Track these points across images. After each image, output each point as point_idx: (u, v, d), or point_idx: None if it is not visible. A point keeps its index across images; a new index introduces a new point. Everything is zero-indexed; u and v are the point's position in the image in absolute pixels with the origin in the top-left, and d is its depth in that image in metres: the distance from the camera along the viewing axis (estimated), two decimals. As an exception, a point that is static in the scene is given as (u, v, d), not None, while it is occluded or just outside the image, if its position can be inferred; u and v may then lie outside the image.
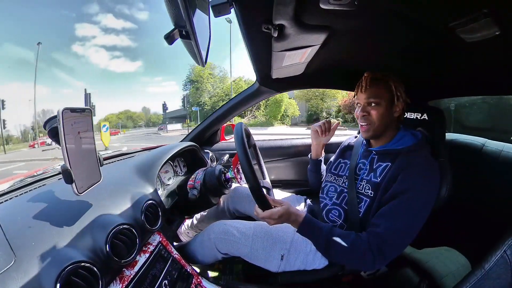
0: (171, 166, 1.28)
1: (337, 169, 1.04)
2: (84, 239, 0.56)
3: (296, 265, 0.86)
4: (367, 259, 0.71)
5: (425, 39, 0.73)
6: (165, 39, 0.56)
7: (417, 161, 0.78)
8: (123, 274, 0.61)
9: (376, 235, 0.72)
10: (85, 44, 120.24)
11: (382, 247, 0.70)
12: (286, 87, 1.44)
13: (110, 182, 0.79)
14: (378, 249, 0.70)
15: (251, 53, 0.95)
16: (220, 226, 0.94)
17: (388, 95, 0.84)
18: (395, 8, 0.59)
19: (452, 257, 0.94)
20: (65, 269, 0.46)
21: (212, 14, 0.63)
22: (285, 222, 0.79)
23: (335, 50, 0.93)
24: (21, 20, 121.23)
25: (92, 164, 0.64)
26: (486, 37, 0.55)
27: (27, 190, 0.72)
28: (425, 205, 0.74)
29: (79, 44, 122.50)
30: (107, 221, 0.62)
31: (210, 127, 1.65)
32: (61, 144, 0.51)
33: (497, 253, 0.53)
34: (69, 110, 0.53)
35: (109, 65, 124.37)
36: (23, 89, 33.60)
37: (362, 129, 0.88)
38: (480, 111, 3.55)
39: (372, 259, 0.70)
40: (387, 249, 0.71)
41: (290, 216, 0.78)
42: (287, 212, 0.77)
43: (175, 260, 0.78)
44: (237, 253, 0.90)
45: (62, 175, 0.52)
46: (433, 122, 0.96)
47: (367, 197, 0.83)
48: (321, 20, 0.69)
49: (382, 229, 0.72)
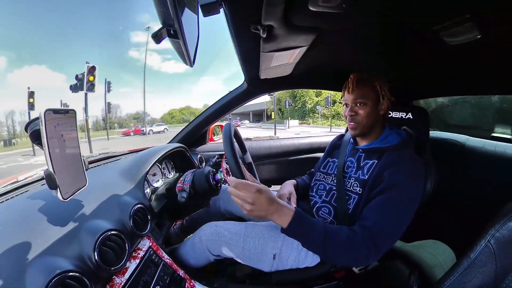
0: (159, 168, 1.25)
1: (326, 168, 1.06)
2: (71, 247, 0.54)
3: (288, 264, 0.87)
4: (362, 254, 0.69)
5: (410, 41, 0.76)
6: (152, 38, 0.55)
7: (402, 158, 0.80)
8: (113, 282, 0.58)
9: (368, 228, 0.71)
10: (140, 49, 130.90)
11: (375, 240, 0.69)
12: (274, 88, 1.45)
13: (96, 186, 0.76)
14: (372, 242, 0.69)
15: (239, 54, 0.95)
16: (211, 227, 0.93)
17: (374, 95, 0.87)
18: (381, 11, 0.61)
19: (439, 249, 0.98)
20: (52, 280, 0.44)
21: (201, 14, 0.62)
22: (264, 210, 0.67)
23: (323, 51, 0.95)
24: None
25: (77, 168, 0.61)
26: (468, 40, 0.58)
27: (9, 197, 0.68)
28: (412, 199, 0.76)
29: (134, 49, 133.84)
30: (94, 227, 0.60)
31: (198, 128, 1.62)
32: (44, 147, 0.48)
33: (481, 242, 0.56)
34: (52, 111, 0.50)
35: (161, 67, 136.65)
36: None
37: (350, 127, 0.92)
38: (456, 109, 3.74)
39: (366, 253, 0.69)
40: (380, 242, 0.70)
41: (272, 202, 0.68)
42: (268, 192, 0.68)
43: (166, 265, 0.76)
44: (229, 254, 0.89)
45: (46, 180, 0.49)
46: (417, 121, 1.00)
47: (355, 194, 0.86)
48: (310, 21, 0.70)
49: (373, 222, 0.72)
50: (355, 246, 0.69)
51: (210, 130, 1.73)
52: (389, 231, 0.72)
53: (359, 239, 0.69)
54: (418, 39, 0.72)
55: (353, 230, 0.72)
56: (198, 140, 1.69)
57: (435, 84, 1.10)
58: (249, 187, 0.67)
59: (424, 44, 0.74)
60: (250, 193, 0.66)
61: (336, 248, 0.69)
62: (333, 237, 0.70)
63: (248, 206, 0.67)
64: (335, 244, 0.69)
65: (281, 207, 0.70)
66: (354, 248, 0.69)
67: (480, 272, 0.55)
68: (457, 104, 1.61)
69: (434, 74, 0.99)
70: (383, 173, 0.79)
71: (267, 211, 0.68)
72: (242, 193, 0.67)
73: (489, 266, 0.55)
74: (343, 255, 0.70)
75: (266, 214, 0.68)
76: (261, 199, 0.67)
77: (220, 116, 1.59)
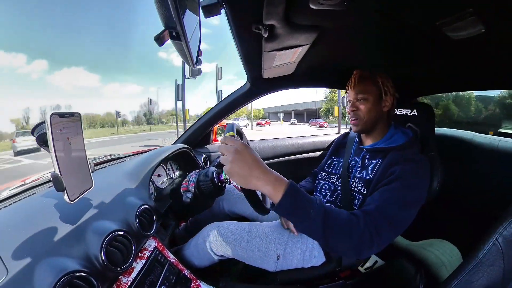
0: (164, 169, 1.26)
1: (330, 167, 1.06)
2: (78, 248, 0.55)
3: (293, 264, 0.87)
4: (365, 238, 0.61)
5: (413, 37, 0.75)
6: (155, 40, 0.56)
7: (407, 158, 0.79)
8: (120, 282, 0.59)
9: (369, 212, 0.66)
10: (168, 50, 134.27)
11: (377, 226, 0.63)
12: (277, 87, 1.45)
13: (102, 188, 0.77)
14: (374, 227, 0.63)
15: (241, 54, 0.96)
16: (214, 228, 0.93)
17: (376, 90, 0.87)
18: (383, 8, 0.60)
19: (446, 248, 0.97)
20: (60, 280, 0.44)
21: (203, 15, 0.63)
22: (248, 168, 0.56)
23: (325, 49, 0.94)
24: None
25: (83, 170, 0.62)
26: (472, 34, 0.57)
27: (17, 199, 0.69)
28: (415, 197, 0.73)
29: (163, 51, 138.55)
30: (101, 228, 0.61)
31: (202, 129, 1.63)
32: (50, 150, 0.49)
33: (489, 241, 0.55)
34: (57, 115, 0.51)
35: None
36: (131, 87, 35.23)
37: (352, 123, 0.92)
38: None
39: (369, 239, 0.61)
40: (382, 228, 0.64)
41: (258, 163, 0.58)
42: (253, 152, 0.59)
43: (172, 265, 0.77)
44: (233, 254, 0.90)
45: (53, 183, 0.50)
46: (422, 117, 0.99)
47: (360, 194, 0.85)
48: (311, 20, 0.70)
49: (374, 206, 0.68)
50: (357, 229, 0.61)
51: (214, 130, 1.74)
52: (390, 218, 0.66)
53: (361, 222, 0.63)
54: (421, 35, 0.71)
55: (354, 213, 0.66)
56: (202, 140, 1.70)
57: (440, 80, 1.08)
58: (233, 139, 0.60)
59: (427, 40, 0.73)
60: (235, 143, 0.58)
61: (337, 230, 0.60)
62: (333, 217, 0.60)
63: (231, 155, 0.56)
64: (336, 226, 0.60)
65: (270, 173, 0.58)
66: (357, 232, 0.61)
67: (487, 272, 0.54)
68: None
69: (438, 70, 0.97)
70: (388, 170, 0.78)
71: (251, 169, 0.56)
72: (226, 144, 0.59)
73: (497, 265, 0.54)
74: (346, 240, 0.61)
75: (250, 173, 0.56)
76: (245, 151, 0.57)
77: (224, 116, 1.59)
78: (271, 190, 0.57)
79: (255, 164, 0.57)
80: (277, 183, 0.57)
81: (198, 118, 1.66)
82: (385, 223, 0.65)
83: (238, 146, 0.57)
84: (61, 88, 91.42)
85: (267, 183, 0.57)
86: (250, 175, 0.56)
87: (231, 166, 0.56)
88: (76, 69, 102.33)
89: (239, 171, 0.56)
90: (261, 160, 0.60)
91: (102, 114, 69.53)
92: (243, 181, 0.57)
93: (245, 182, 0.57)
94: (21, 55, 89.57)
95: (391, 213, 0.67)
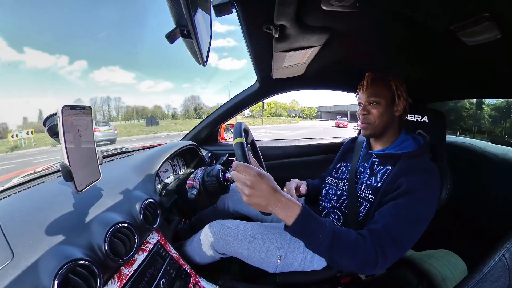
0: (171, 165, 1.27)
1: (338, 172, 1.04)
2: (83, 237, 0.56)
3: (293, 267, 0.86)
4: (370, 259, 0.63)
5: (426, 41, 0.73)
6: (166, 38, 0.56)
7: (418, 167, 0.76)
8: (121, 273, 0.60)
9: (376, 232, 0.66)
10: None
11: (384, 245, 0.64)
12: (287, 88, 1.45)
13: (109, 180, 0.79)
14: (380, 246, 0.63)
15: (252, 53, 0.96)
16: (217, 226, 0.93)
17: (389, 94, 0.85)
18: (396, 10, 0.59)
19: (451, 260, 0.94)
20: (63, 267, 0.46)
21: (214, 14, 0.63)
22: (265, 198, 0.59)
23: (336, 51, 0.93)
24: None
25: (92, 162, 0.63)
26: (487, 40, 0.55)
27: (26, 187, 0.72)
28: (425, 211, 0.71)
29: None
30: (106, 219, 0.62)
31: (210, 127, 1.65)
32: (60, 141, 0.51)
33: (496, 256, 0.53)
34: (69, 107, 0.53)
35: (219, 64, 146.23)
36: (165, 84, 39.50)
37: (362, 127, 0.89)
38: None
39: (374, 259, 0.63)
40: (388, 248, 0.64)
41: (274, 191, 0.60)
42: (270, 180, 0.61)
43: (173, 259, 0.78)
44: (234, 253, 0.90)
45: (62, 173, 0.52)
46: (433, 124, 0.96)
47: (367, 201, 0.83)
48: (323, 21, 0.69)
49: (381, 225, 0.67)
50: (363, 250, 0.63)
51: (221, 129, 1.75)
52: (398, 237, 0.66)
53: (368, 243, 0.64)
54: (435, 39, 0.69)
55: (362, 234, 0.67)
56: (209, 138, 1.71)
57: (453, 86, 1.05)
58: (249, 169, 0.60)
59: (441, 44, 0.71)
60: (250, 175, 0.59)
61: (343, 252, 0.63)
62: (340, 240, 0.63)
63: (247, 190, 0.59)
64: (343, 248, 0.63)
65: (286, 200, 0.62)
66: (362, 253, 0.63)
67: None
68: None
69: (452, 75, 0.94)
70: (397, 180, 0.76)
71: (268, 200, 0.60)
72: (242, 175, 0.61)
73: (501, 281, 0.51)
74: (350, 260, 0.63)
75: (267, 203, 0.60)
76: (262, 184, 0.59)
77: (232, 115, 1.60)
78: (285, 216, 0.61)
79: (271, 193, 0.60)
80: (289, 209, 0.61)
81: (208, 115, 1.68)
82: (392, 244, 0.65)
83: (253, 179, 0.59)
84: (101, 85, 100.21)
85: (281, 209, 0.61)
86: (268, 204, 0.60)
87: (249, 199, 0.60)
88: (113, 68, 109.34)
89: (257, 203, 0.60)
90: (275, 185, 0.62)
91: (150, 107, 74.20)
92: (260, 209, 0.62)
93: (262, 209, 0.62)
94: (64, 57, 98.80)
95: (398, 233, 0.66)
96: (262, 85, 1.39)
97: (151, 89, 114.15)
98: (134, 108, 76.16)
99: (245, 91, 1.48)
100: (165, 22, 21.41)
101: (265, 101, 27.38)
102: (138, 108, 75.31)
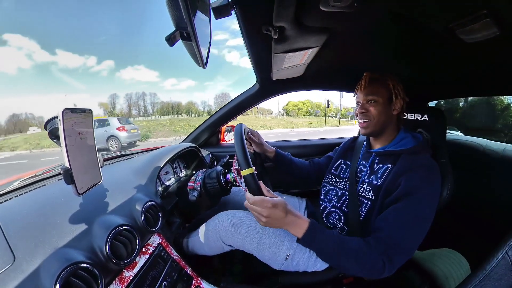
0: (171, 167, 1.28)
1: (338, 170, 1.04)
2: (84, 240, 0.56)
3: (299, 266, 0.85)
4: (377, 267, 0.67)
5: (425, 40, 0.73)
6: (166, 40, 0.57)
7: (418, 164, 0.77)
8: (122, 275, 0.60)
9: (382, 240, 0.69)
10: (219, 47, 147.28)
11: (390, 253, 0.67)
12: (286, 89, 1.45)
13: (111, 183, 0.79)
14: (387, 255, 0.67)
15: (251, 55, 0.96)
16: (227, 217, 0.90)
17: (386, 92, 0.86)
18: (394, 9, 0.59)
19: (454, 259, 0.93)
20: (64, 270, 0.46)
21: (213, 16, 0.63)
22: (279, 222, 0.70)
23: (335, 51, 0.93)
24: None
25: (93, 165, 0.63)
26: (486, 37, 0.55)
27: (27, 190, 0.72)
28: (428, 209, 0.72)
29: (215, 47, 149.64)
30: (107, 222, 0.62)
31: (211, 129, 1.65)
32: (61, 145, 0.51)
33: (499, 254, 0.53)
34: (70, 110, 0.53)
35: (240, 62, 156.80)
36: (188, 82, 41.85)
37: (361, 126, 0.91)
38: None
39: (382, 266, 0.67)
40: (394, 256, 0.68)
41: (287, 214, 0.70)
42: (283, 206, 0.70)
43: (175, 262, 0.78)
44: (242, 247, 0.87)
45: (63, 176, 0.52)
46: (433, 123, 0.96)
47: (368, 200, 0.83)
48: (321, 22, 0.69)
49: (387, 233, 0.70)
50: (370, 259, 0.68)
51: (222, 130, 1.75)
52: (403, 244, 0.69)
53: (373, 252, 0.68)
54: (433, 38, 0.69)
55: (368, 242, 0.71)
56: (210, 140, 1.72)
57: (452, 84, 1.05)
58: (265, 203, 0.69)
59: (440, 43, 0.71)
60: (266, 208, 0.69)
61: (350, 260, 0.69)
62: (347, 249, 0.69)
63: (264, 219, 0.70)
64: (350, 257, 0.69)
65: (296, 219, 0.72)
66: (369, 261, 0.68)
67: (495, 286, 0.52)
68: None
69: (451, 74, 0.94)
70: (398, 179, 0.76)
71: (281, 222, 0.71)
72: (258, 208, 0.70)
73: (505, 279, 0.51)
74: (358, 267, 0.69)
75: (280, 225, 0.71)
76: (276, 213, 0.69)
77: (232, 117, 1.60)
78: (295, 232, 0.72)
79: (283, 218, 0.70)
80: (298, 225, 0.72)
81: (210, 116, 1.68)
82: (398, 251, 0.68)
83: (269, 211, 0.69)
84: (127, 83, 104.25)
85: (292, 227, 0.72)
86: (280, 225, 0.72)
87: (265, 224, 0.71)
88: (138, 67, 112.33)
89: (272, 226, 0.72)
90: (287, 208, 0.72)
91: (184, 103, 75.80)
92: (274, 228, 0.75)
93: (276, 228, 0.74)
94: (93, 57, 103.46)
95: (403, 238, 0.69)
96: (262, 86, 1.39)
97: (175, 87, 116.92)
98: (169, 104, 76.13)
99: (245, 93, 1.49)
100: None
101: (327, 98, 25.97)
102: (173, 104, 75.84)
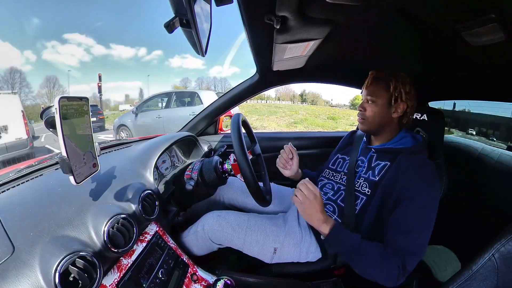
0: (169, 156, 1.27)
1: (335, 165, 1.05)
2: (82, 229, 0.56)
3: (289, 258, 0.88)
4: (393, 275, 0.69)
5: (429, 39, 0.72)
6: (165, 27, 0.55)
7: (417, 164, 0.77)
8: (120, 263, 0.61)
9: (399, 251, 0.71)
10: None
11: (404, 262, 0.69)
12: (287, 80, 1.43)
13: (108, 172, 0.79)
14: (402, 264, 0.69)
15: (252, 44, 0.94)
16: (213, 217, 0.94)
17: (386, 95, 0.85)
18: (401, 6, 0.58)
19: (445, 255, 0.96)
20: (63, 259, 0.46)
21: (214, 3, 0.61)
22: (314, 213, 0.75)
23: (338, 45, 0.92)
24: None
25: (90, 153, 0.63)
26: (492, 42, 0.54)
27: (25, 180, 0.71)
28: (433, 210, 0.73)
29: None
30: (105, 211, 0.62)
31: (209, 118, 1.63)
32: (58, 134, 0.50)
33: (485, 256, 0.55)
34: (66, 99, 0.52)
35: None
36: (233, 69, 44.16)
37: (359, 121, 0.93)
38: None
39: (397, 276, 0.69)
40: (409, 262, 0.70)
41: (322, 210, 0.75)
42: (322, 204, 0.76)
43: (171, 249, 0.79)
44: (230, 244, 0.91)
45: (60, 165, 0.51)
46: (432, 123, 0.96)
47: (363, 195, 0.84)
48: (325, 13, 0.68)
49: (401, 243, 0.71)
50: (387, 268, 0.70)
51: (220, 120, 1.73)
52: (415, 249, 0.71)
53: (392, 261, 0.70)
54: (439, 38, 0.68)
55: (387, 251, 0.72)
56: (208, 129, 1.70)
57: (454, 86, 1.04)
58: (317, 192, 0.75)
59: (445, 43, 0.70)
60: (310, 193, 0.75)
61: (368, 265, 0.72)
62: (367, 253, 0.73)
63: (307, 203, 0.75)
64: (368, 261, 0.72)
65: (325, 216, 0.77)
66: (386, 269, 0.70)
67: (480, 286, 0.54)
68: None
69: (454, 75, 0.94)
70: (397, 179, 0.77)
71: (315, 215, 0.76)
72: (311, 192, 0.75)
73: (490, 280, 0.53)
74: (375, 272, 0.72)
75: (314, 217, 0.76)
76: (315, 202, 0.75)
77: (230, 106, 1.58)
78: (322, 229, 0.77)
79: (319, 210, 0.75)
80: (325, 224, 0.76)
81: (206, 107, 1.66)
82: (412, 256, 0.70)
83: (312, 197, 0.75)
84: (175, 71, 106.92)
85: (321, 224, 0.76)
86: (314, 218, 0.76)
87: (304, 210, 0.76)
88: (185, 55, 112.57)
89: (309, 214, 0.76)
90: (322, 203, 0.77)
91: None
92: (307, 219, 0.79)
93: (308, 220, 0.79)
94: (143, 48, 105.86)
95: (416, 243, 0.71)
96: (262, 76, 1.37)
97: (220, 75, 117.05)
98: (227, 88, 75.82)
99: (244, 83, 1.46)
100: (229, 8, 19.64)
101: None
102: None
